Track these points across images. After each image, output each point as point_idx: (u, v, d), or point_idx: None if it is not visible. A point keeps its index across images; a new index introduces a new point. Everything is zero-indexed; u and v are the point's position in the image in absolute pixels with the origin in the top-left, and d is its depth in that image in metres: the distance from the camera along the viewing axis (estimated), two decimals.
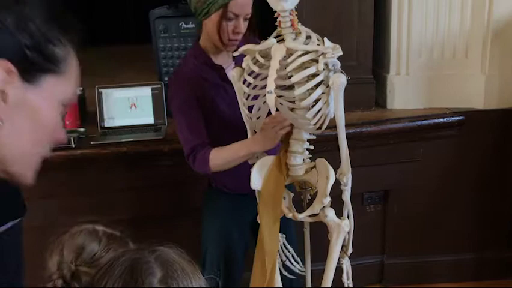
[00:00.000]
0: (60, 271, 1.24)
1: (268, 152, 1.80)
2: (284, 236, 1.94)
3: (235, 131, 1.85)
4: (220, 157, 1.82)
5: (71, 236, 1.28)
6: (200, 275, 0.93)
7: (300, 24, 1.63)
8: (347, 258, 1.82)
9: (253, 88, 1.68)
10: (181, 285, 0.87)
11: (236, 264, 2.09)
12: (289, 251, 1.97)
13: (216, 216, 2.08)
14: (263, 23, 1.71)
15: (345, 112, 1.64)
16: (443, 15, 2.54)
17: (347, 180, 1.70)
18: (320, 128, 1.64)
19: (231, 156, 1.81)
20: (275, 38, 1.64)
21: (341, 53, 1.58)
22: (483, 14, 2.52)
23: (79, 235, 1.28)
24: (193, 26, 2.54)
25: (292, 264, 1.98)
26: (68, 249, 1.26)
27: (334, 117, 1.63)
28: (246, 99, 1.71)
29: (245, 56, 1.70)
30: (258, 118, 1.74)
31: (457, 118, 2.57)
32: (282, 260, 1.96)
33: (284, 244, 1.96)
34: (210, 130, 1.89)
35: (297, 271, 2.00)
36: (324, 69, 1.56)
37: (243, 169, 1.82)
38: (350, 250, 1.81)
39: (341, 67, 1.60)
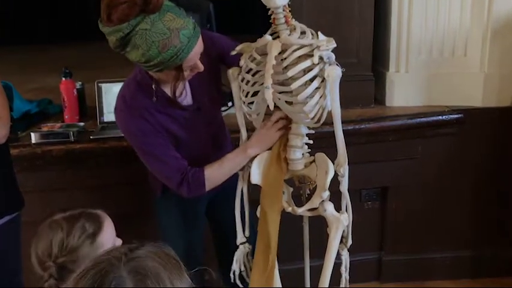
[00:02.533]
0: (47, 273, 1.30)
1: None
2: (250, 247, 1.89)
3: (188, 149, 1.79)
4: (218, 173, 1.76)
5: (38, 237, 1.36)
6: (184, 276, 0.92)
7: (294, 20, 1.63)
8: (347, 251, 1.83)
9: (252, 85, 1.68)
10: None
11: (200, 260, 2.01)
12: (249, 262, 1.90)
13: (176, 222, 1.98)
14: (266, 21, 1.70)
15: (344, 109, 1.65)
16: (443, 13, 2.55)
17: (344, 171, 1.70)
18: (318, 121, 1.65)
19: (230, 168, 1.77)
20: (270, 35, 1.64)
21: (335, 45, 1.59)
22: (482, 13, 2.52)
23: (42, 233, 1.36)
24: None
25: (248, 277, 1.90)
26: (40, 250, 1.34)
27: (331, 110, 1.63)
28: (246, 96, 1.71)
29: None
30: (257, 115, 1.74)
31: (456, 116, 2.58)
32: (240, 270, 1.90)
33: (248, 254, 1.91)
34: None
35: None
36: (319, 62, 1.57)
37: None
38: (350, 242, 1.81)
39: (340, 64, 1.61)
